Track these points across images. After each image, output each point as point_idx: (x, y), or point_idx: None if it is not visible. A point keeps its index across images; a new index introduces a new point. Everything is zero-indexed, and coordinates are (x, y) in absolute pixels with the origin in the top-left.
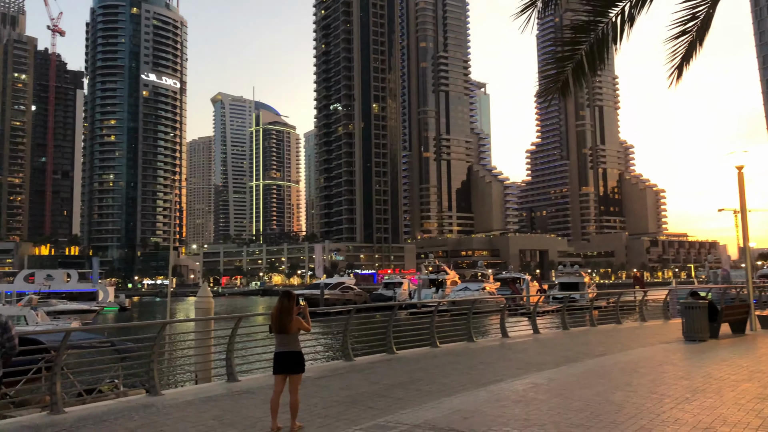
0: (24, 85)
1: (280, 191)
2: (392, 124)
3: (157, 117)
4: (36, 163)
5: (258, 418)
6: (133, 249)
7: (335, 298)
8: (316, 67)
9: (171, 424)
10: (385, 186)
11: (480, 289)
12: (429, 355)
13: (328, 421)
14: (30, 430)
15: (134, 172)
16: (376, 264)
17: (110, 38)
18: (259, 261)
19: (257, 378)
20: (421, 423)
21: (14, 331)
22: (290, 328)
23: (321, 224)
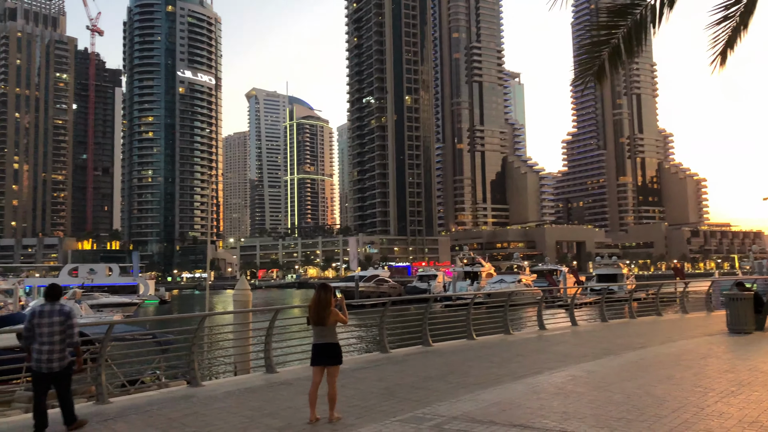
0: (65, 84)
1: (314, 185)
2: (425, 116)
3: (193, 113)
4: (77, 160)
5: (297, 408)
6: (171, 243)
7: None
8: (349, 60)
9: (212, 414)
10: (418, 178)
11: (516, 281)
12: (465, 348)
13: (366, 413)
14: None
15: (172, 167)
16: (410, 256)
17: (147, 36)
18: (295, 254)
19: (295, 369)
20: (459, 415)
21: (75, 321)
22: (328, 321)
23: (355, 217)
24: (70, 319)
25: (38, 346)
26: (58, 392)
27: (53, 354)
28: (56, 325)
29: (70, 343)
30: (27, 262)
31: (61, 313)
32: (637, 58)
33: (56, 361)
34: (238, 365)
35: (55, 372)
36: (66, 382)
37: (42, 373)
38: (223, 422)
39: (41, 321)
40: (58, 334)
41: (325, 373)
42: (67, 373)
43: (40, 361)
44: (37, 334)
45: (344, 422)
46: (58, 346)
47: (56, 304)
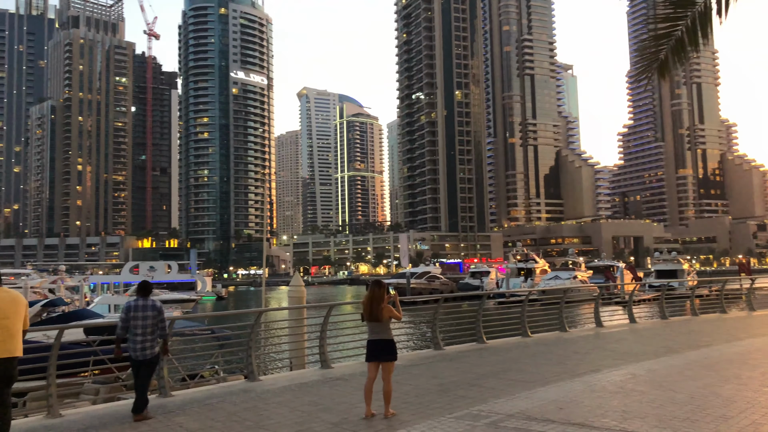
0: (124, 87)
1: (365, 182)
2: (476, 111)
3: (246, 113)
4: (137, 161)
5: (352, 404)
6: (227, 241)
7: (421, 287)
8: (398, 57)
9: (270, 408)
10: (469, 174)
11: (571, 278)
12: (520, 345)
13: (421, 409)
14: None
15: (227, 167)
16: (462, 253)
17: (201, 39)
18: (346, 251)
19: (350, 365)
20: (515, 413)
21: (165, 315)
22: (382, 317)
23: (405, 214)
24: (161, 314)
25: (133, 336)
26: (141, 378)
27: (146, 344)
28: (149, 318)
29: (161, 335)
30: (91, 259)
31: (153, 308)
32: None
33: (148, 350)
34: (294, 360)
35: (146, 359)
36: (150, 370)
37: (138, 361)
38: (281, 417)
39: (136, 314)
40: (151, 327)
41: (380, 369)
42: (153, 362)
43: (135, 350)
44: (132, 326)
45: (399, 418)
46: (149, 337)
47: (149, 300)
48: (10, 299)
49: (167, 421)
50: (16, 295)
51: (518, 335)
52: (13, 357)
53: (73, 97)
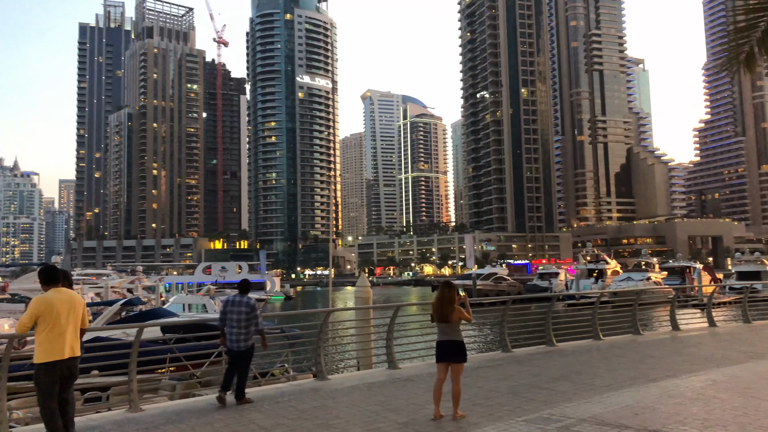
0: (196, 94)
1: (429, 182)
2: (542, 109)
3: (312, 117)
4: (208, 165)
5: (420, 404)
6: (294, 242)
7: (488, 288)
8: (462, 56)
9: (339, 407)
10: (536, 173)
11: (645, 279)
12: (592, 348)
13: (490, 411)
14: (216, 409)
15: (293, 170)
16: (530, 254)
17: (267, 45)
18: (411, 251)
19: (417, 366)
20: (588, 417)
21: (259, 311)
22: (452, 318)
23: (470, 214)
24: (254, 310)
25: (230, 329)
26: (240, 367)
27: (240, 336)
28: (243, 313)
29: (256, 330)
30: (166, 260)
31: (246, 304)
32: None
33: (242, 342)
34: (361, 360)
35: (241, 350)
36: (247, 361)
37: (234, 351)
38: (350, 415)
39: (232, 309)
40: (244, 321)
41: (449, 371)
42: (250, 353)
43: (231, 341)
44: (229, 319)
45: (468, 420)
46: (244, 330)
47: (245, 297)
48: (68, 300)
49: (240, 417)
50: (74, 296)
51: (589, 338)
52: (75, 356)
53: (148, 105)
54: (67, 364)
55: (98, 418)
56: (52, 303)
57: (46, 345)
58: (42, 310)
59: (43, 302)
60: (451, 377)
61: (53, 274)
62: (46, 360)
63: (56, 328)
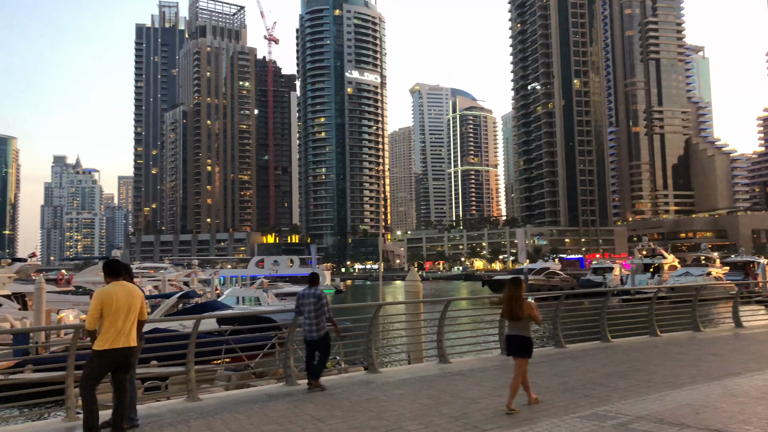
0: (247, 91)
1: (479, 176)
2: (596, 100)
3: (360, 112)
4: (260, 161)
5: (472, 399)
6: (344, 236)
7: (540, 283)
8: (512, 47)
9: (390, 400)
10: (590, 165)
11: (704, 274)
12: (649, 345)
13: (544, 407)
14: (270, 399)
15: (342, 165)
16: (583, 248)
17: (317, 41)
18: (460, 246)
19: (468, 361)
20: (645, 415)
21: (325, 301)
22: (521, 314)
23: (521, 208)
24: (321, 300)
25: (303, 319)
26: (308, 352)
27: (312, 326)
28: (312, 304)
29: (327, 318)
30: (220, 254)
31: (315, 295)
32: None
33: (315, 331)
34: (412, 354)
35: (315, 340)
36: (324, 347)
37: (307, 340)
38: (401, 408)
39: (304, 301)
40: (314, 311)
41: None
42: (325, 341)
43: (305, 331)
44: (302, 311)
45: (522, 416)
46: (315, 320)
47: (313, 288)
48: (128, 292)
49: (295, 408)
50: (133, 289)
51: (646, 334)
52: (132, 347)
53: (202, 102)
54: (122, 353)
55: (158, 407)
56: (113, 295)
57: (104, 334)
58: (104, 300)
59: (105, 294)
60: (513, 370)
61: (116, 268)
62: (101, 348)
63: (115, 318)
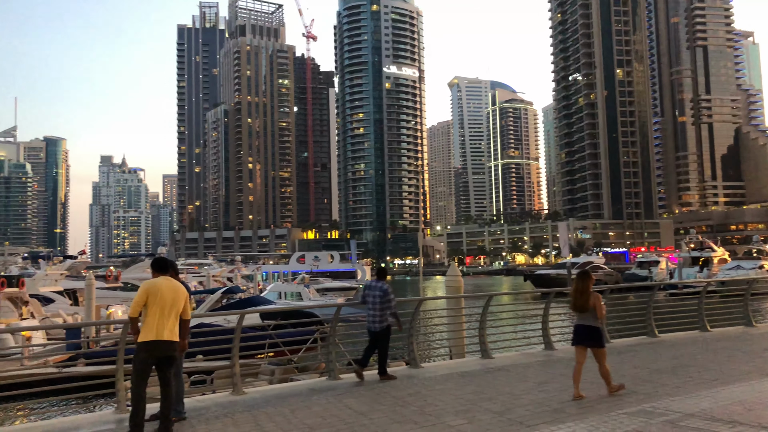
0: (287, 89)
1: (519, 169)
2: (640, 89)
3: (399, 107)
4: (300, 158)
5: (516, 394)
6: (383, 231)
7: None
8: (552, 38)
9: (432, 395)
10: (634, 157)
11: (757, 268)
12: (698, 340)
13: (589, 404)
14: (313, 393)
15: (381, 160)
16: (628, 242)
17: (354, 37)
18: (501, 240)
19: (511, 356)
20: (696, 412)
21: (391, 295)
22: (587, 306)
23: (564, 201)
24: (386, 294)
25: (367, 311)
26: (379, 347)
27: (375, 317)
28: (377, 297)
29: (391, 312)
30: (262, 250)
31: (380, 288)
32: None
33: (377, 323)
34: (453, 349)
35: (376, 331)
36: (385, 340)
37: (370, 331)
38: (444, 403)
39: (369, 293)
40: (379, 304)
41: (587, 354)
42: (386, 333)
43: (368, 322)
44: (366, 301)
45: (567, 411)
46: (378, 312)
47: (380, 282)
48: (173, 288)
49: (338, 402)
50: (177, 285)
51: (695, 329)
52: (173, 341)
53: (243, 101)
54: (165, 346)
55: (204, 400)
56: (159, 287)
57: (147, 325)
58: (150, 291)
59: (152, 285)
60: (596, 360)
61: (164, 264)
62: (145, 339)
63: (159, 310)
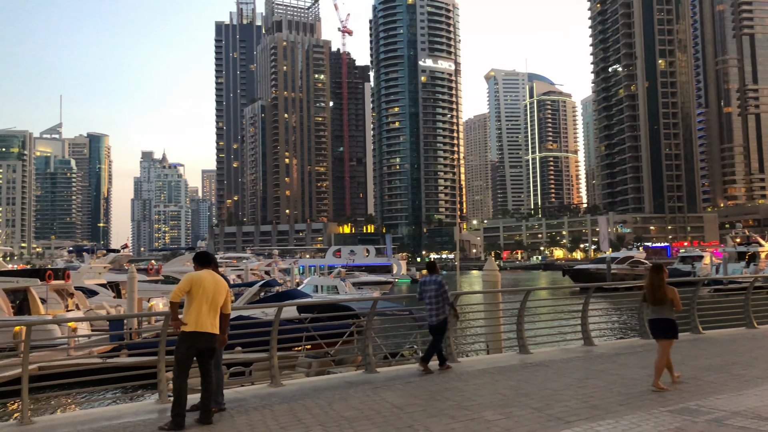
0: (323, 84)
1: (557, 163)
2: (683, 80)
3: (435, 100)
4: (335, 153)
5: (555, 390)
6: (419, 226)
7: (623, 273)
8: (592, 28)
9: (469, 390)
10: (676, 149)
11: None
12: (745, 337)
13: (630, 400)
14: (350, 386)
15: (417, 154)
16: (670, 236)
17: (390, 31)
18: (539, 235)
19: (549, 351)
20: (742, 410)
21: (446, 288)
22: (664, 299)
23: (603, 195)
24: (442, 287)
25: (424, 305)
26: (433, 339)
27: (432, 311)
28: (432, 291)
29: (448, 304)
30: (299, 244)
31: (435, 282)
32: None
33: (434, 316)
34: (490, 344)
35: (434, 324)
36: (440, 333)
37: (430, 325)
38: (481, 398)
39: (425, 288)
40: (435, 297)
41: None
42: (442, 327)
43: (426, 316)
44: (423, 297)
45: (608, 408)
46: (435, 306)
47: (433, 276)
48: (215, 282)
49: (374, 395)
50: (219, 279)
51: (741, 326)
52: (214, 333)
53: (279, 96)
54: (207, 338)
55: (244, 391)
56: (203, 280)
57: (191, 317)
58: (193, 281)
59: (195, 278)
60: (657, 350)
61: (207, 258)
62: (189, 330)
63: (202, 302)
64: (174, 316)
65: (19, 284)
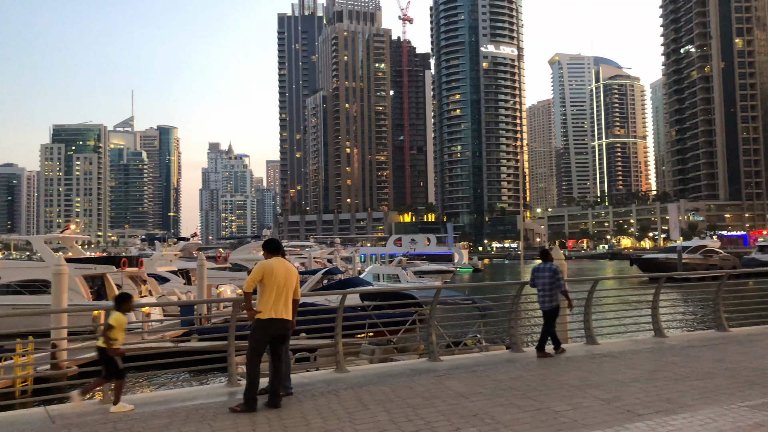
0: (383, 73)
1: (625, 149)
2: (762, 60)
3: (497, 86)
4: (396, 142)
5: (623, 382)
6: (481, 214)
7: (696, 262)
8: (662, 8)
9: (535, 380)
10: (755, 133)
11: None
12: None
13: (705, 394)
14: (414, 374)
15: (478, 142)
16: (747, 224)
17: (451, 17)
18: (606, 223)
19: (618, 342)
20: None
21: (561, 275)
22: None
23: (674, 182)
24: (556, 274)
25: (538, 292)
26: (545, 324)
27: (545, 297)
28: (546, 278)
29: (561, 291)
30: (360, 233)
31: (549, 269)
32: None
33: (547, 302)
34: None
35: (547, 310)
36: (551, 318)
37: (543, 311)
38: (547, 388)
39: (537, 274)
40: (548, 284)
41: None
42: (553, 313)
43: (539, 302)
44: (536, 283)
45: (679, 402)
46: (548, 292)
47: (547, 263)
48: (286, 269)
49: (439, 383)
50: (290, 266)
51: None
52: (288, 319)
53: (340, 86)
54: (281, 324)
55: (309, 377)
56: (274, 268)
57: (266, 304)
58: (266, 270)
59: (267, 266)
60: None
61: (276, 245)
62: (263, 317)
63: (275, 290)
64: (248, 305)
65: (97, 271)
